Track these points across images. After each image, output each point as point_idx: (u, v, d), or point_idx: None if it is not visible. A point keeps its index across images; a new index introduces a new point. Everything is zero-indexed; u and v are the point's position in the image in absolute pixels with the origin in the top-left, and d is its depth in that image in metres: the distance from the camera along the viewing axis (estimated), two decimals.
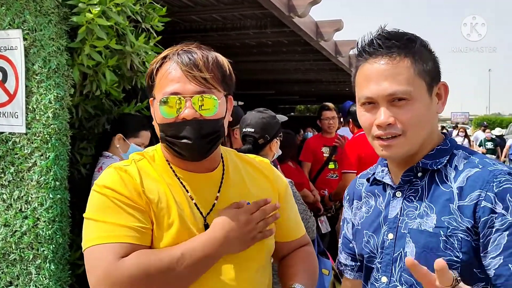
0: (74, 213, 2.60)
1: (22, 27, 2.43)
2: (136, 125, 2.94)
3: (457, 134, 14.95)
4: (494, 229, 1.12)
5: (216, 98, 1.33)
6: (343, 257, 1.55)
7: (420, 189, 1.26)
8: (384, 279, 1.29)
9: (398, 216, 1.28)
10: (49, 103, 2.40)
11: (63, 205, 2.46)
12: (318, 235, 3.06)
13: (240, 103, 16.64)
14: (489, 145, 14.93)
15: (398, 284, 1.26)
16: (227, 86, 1.40)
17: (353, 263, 1.51)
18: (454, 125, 27.52)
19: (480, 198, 1.14)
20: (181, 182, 1.38)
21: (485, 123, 18.70)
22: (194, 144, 1.31)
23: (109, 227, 1.27)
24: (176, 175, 1.39)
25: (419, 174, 1.28)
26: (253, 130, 2.61)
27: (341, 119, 6.01)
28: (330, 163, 4.74)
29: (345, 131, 5.11)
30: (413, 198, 1.27)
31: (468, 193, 1.17)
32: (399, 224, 1.27)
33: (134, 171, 1.36)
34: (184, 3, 5.36)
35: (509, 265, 1.09)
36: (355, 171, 4.22)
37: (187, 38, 3.14)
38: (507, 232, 1.10)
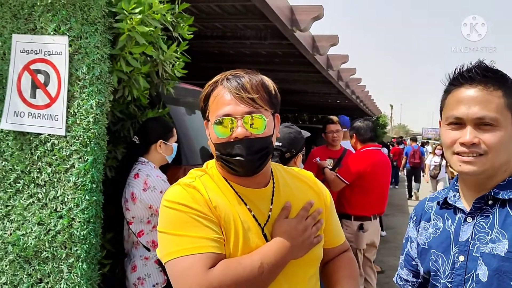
0: None
1: (68, 33, 2.52)
2: (168, 126, 3.10)
3: (434, 153, 14.16)
4: None
5: (265, 117, 1.47)
6: (404, 273, 1.70)
7: (491, 216, 1.41)
8: None
9: (469, 240, 1.42)
10: (91, 108, 2.49)
11: (97, 207, 2.55)
12: None
13: None
14: None
15: None
16: (274, 105, 1.54)
17: (414, 280, 1.66)
18: (425, 141, 27.12)
19: None
20: (240, 196, 1.52)
21: None
22: (246, 160, 1.45)
23: (192, 239, 1.38)
24: (234, 189, 1.53)
25: (490, 202, 1.42)
26: (280, 144, 2.76)
27: None
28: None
29: (345, 144, 5.29)
30: (484, 224, 1.41)
31: None
32: (470, 248, 1.41)
33: (201, 186, 1.49)
34: (189, 10, 5.46)
35: None
36: (348, 183, 4.44)
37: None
38: None
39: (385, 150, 17.72)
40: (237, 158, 1.45)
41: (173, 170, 3.58)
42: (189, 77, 3.60)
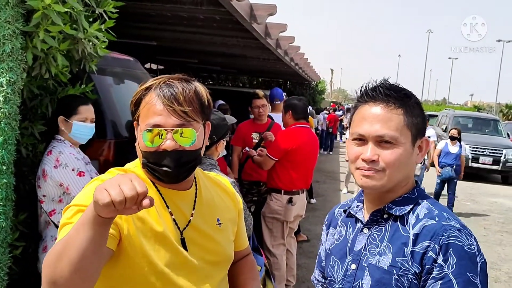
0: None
1: None
2: (73, 102, 2.96)
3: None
4: (431, 276, 1.34)
5: (195, 131, 1.47)
6: (316, 273, 1.79)
7: (383, 229, 1.48)
8: None
9: (362, 250, 1.50)
10: (1, 87, 2.36)
11: (8, 189, 2.46)
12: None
13: (160, 67, 16.40)
14: None
15: None
16: (205, 115, 1.55)
17: (323, 280, 1.74)
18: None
19: (428, 248, 1.36)
20: (163, 199, 1.52)
21: None
22: (173, 172, 1.46)
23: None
24: (158, 190, 1.52)
25: (385, 216, 1.49)
26: None
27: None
28: (258, 148, 4.98)
29: (275, 117, 5.33)
30: (376, 236, 1.48)
31: (421, 241, 1.39)
32: (361, 258, 1.49)
33: None
34: None
35: None
36: (276, 159, 4.54)
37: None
38: (441, 281, 1.32)
39: (321, 117, 18.13)
40: (164, 168, 1.45)
41: (97, 144, 3.49)
42: (125, 37, 3.44)
